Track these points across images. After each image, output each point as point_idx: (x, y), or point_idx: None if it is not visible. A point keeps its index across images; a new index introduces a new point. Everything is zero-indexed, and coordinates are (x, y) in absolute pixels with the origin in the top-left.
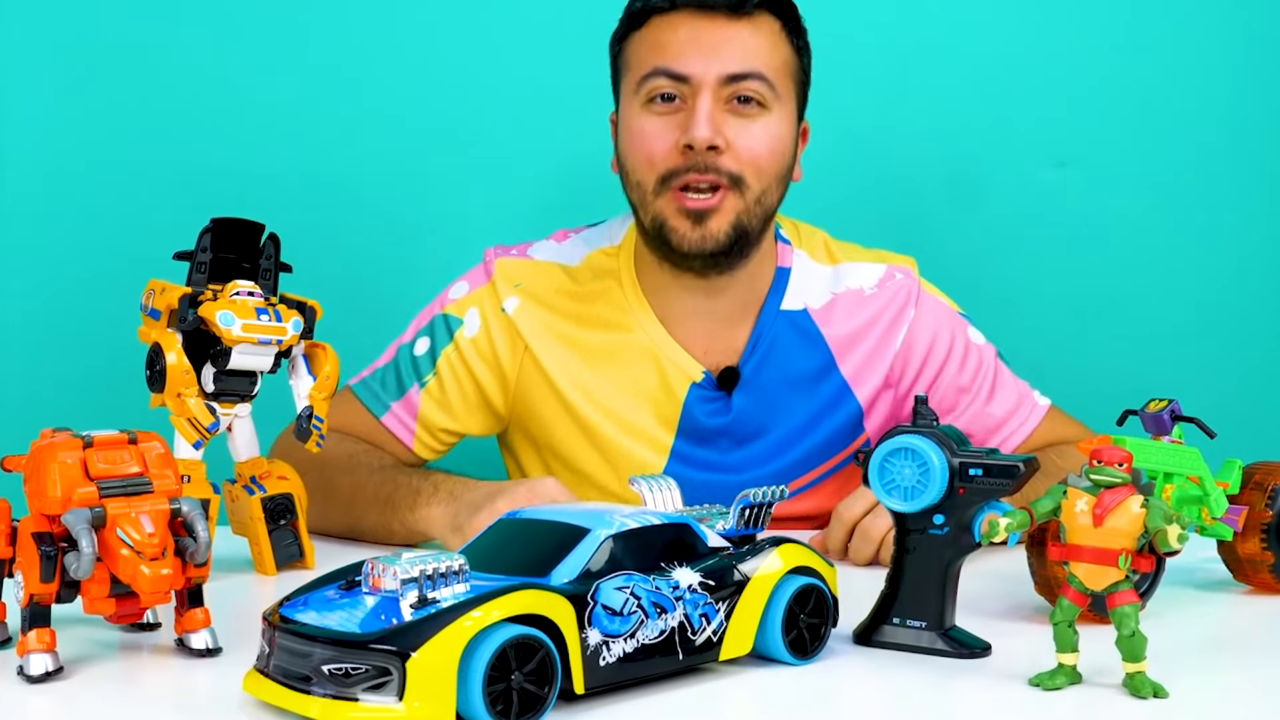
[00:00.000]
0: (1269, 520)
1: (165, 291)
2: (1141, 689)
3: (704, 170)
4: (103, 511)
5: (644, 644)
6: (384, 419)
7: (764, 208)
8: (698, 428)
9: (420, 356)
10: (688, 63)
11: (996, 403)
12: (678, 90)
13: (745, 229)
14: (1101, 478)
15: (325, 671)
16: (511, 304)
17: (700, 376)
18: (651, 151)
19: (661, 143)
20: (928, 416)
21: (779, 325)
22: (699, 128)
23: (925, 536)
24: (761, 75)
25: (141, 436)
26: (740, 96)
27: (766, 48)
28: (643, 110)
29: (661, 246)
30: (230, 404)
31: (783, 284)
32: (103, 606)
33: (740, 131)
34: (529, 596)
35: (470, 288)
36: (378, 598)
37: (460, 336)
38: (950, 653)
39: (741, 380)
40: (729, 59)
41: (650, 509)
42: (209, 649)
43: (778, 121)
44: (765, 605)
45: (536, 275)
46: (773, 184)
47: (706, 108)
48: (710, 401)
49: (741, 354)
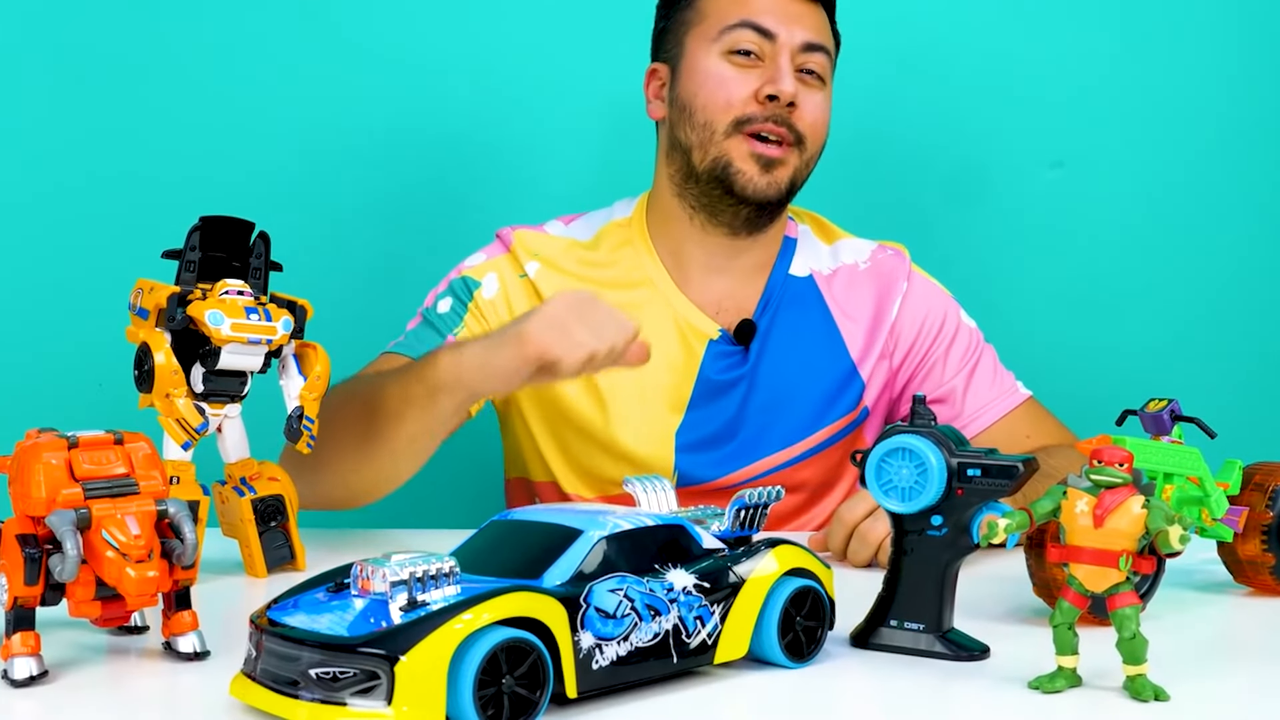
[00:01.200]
0: (1270, 521)
1: (154, 290)
2: (1142, 692)
3: (779, 123)
4: (88, 513)
5: (638, 647)
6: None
7: (809, 171)
8: (713, 384)
9: (445, 314)
10: (775, 21)
11: (978, 380)
12: (758, 46)
13: (795, 185)
14: (1102, 478)
15: (313, 675)
16: (533, 267)
17: (717, 334)
18: (730, 95)
19: (741, 89)
20: (925, 416)
21: (788, 288)
22: (786, 81)
23: (923, 538)
24: (828, 50)
25: (128, 437)
26: (806, 68)
27: (827, 29)
28: (721, 58)
29: (717, 188)
30: (220, 404)
31: (790, 252)
32: (88, 609)
33: (806, 97)
34: (520, 599)
35: (487, 256)
36: (367, 600)
37: (479, 296)
38: (948, 655)
39: (759, 332)
40: (809, 28)
41: (644, 510)
42: (197, 652)
43: (828, 98)
44: (761, 607)
45: (556, 245)
46: (818, 151)
47: (788, 65)
48: (727, 356)
49: (754, 311)
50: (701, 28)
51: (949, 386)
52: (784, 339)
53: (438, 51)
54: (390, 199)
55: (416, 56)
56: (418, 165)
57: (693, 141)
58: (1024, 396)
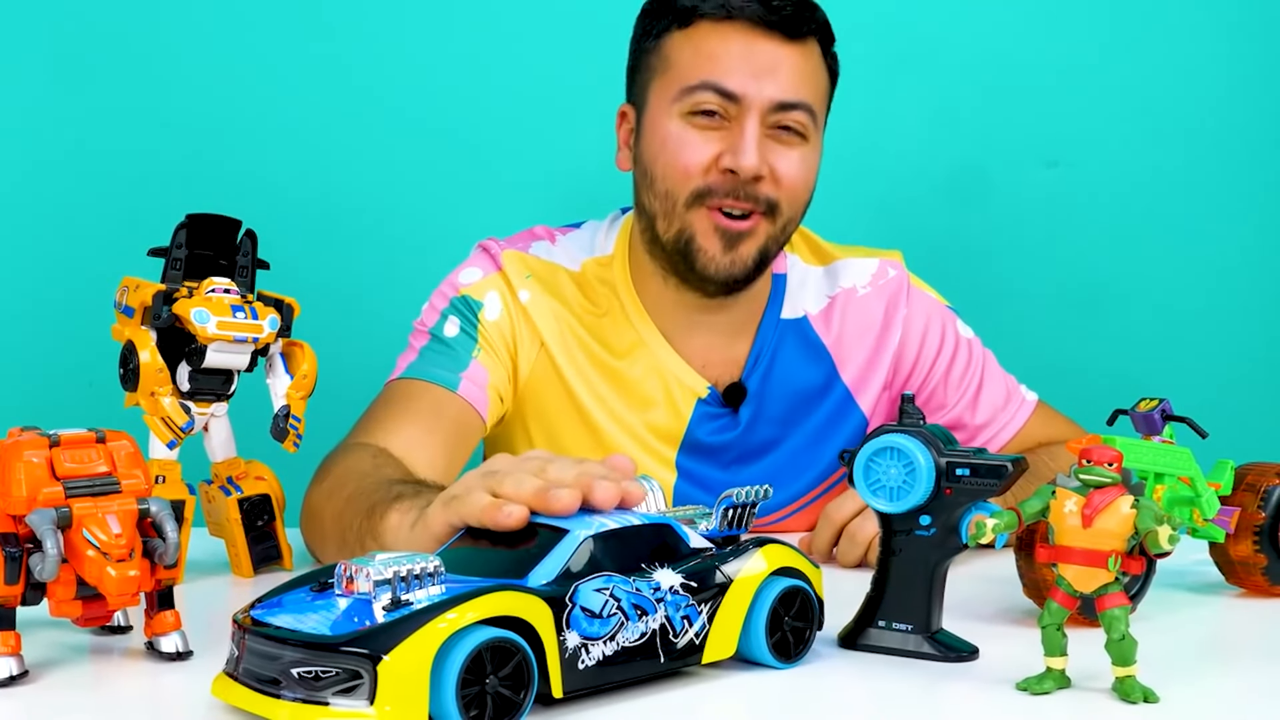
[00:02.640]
0: (1261, 522)
1: (139, 288)
2: (1131, 694)
3: (743, 197)
4: (69, 512)
5: (624, 647)
6: (460, 389)
7: (786, 235)
8: (700, 445)
9: (455, 336)
10: (741, 81)
11: (985, 397)
12: (723, 108)
13: (768, 255)
14: (1091, 478)
15: (295, 675)
16: (525, 295)
17: (705, 392)
18: (689, 163)
19: (700, 156)
20: (914, 415)
21: (780, 335)
22: (747, 155)
23: (911, 538)
24: (808, 106)
25: (110, 435)
26: (783, 125)
27: (813, 76)
28: (683, 120)
29: (681, 262)
30: (206, 403)
31: (780, 292)
32: (69, 609)
33: (780, 159)
34: (505, 598)
35: (484, 273)
36: (350, 600)
37: (483, 317)
38: (937, 656)
39: (749, 395)
40: (782, 84)
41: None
42: (179, 652)
43: (813, 152)
44: (749, 607)
45: (545, 271)
46: (799, 212)
47: (753, 133)
48: (714, 419)
49: (744, 366)
50: (664, 79)
51: (955, 411)
52: (781, 392)
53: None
54: (380, 196)
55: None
56: (408, 163)
57: (656, 210)
58: (1033, 404)
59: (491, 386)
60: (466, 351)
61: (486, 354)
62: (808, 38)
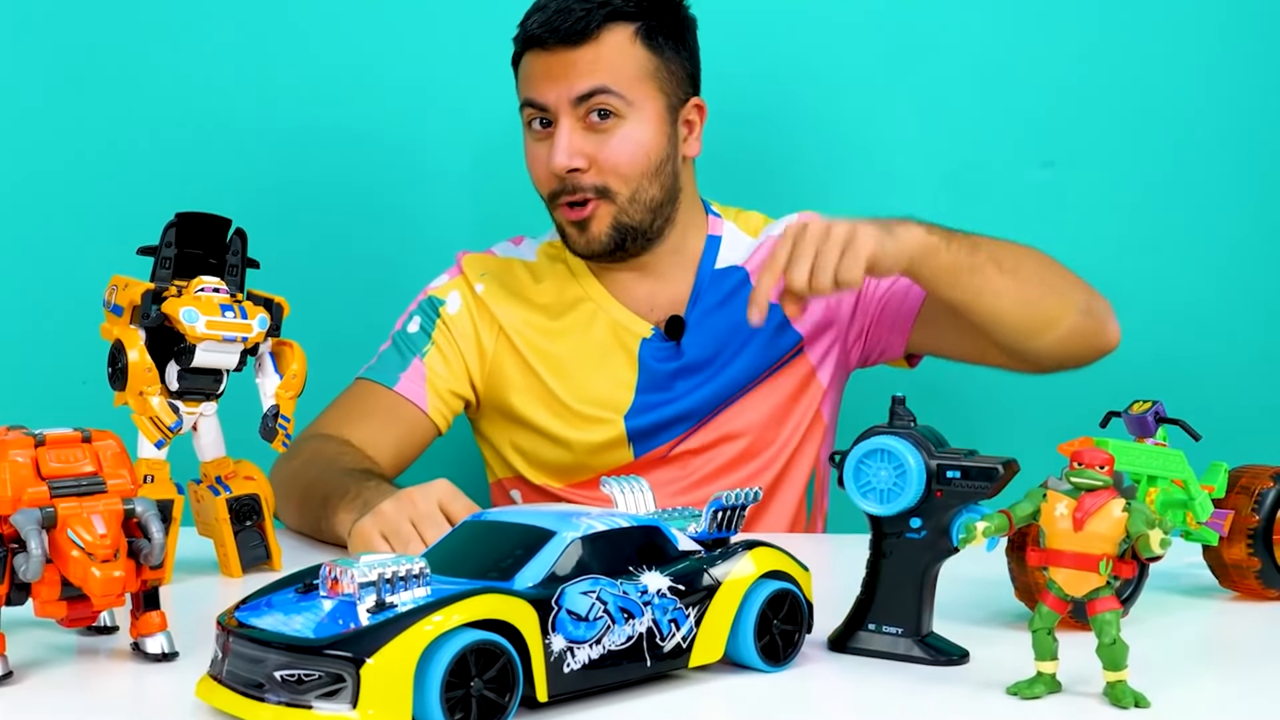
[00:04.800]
0: (1255, 525)
1: (128, 287)
2: (1123, 699)
3: (573, 190)
4: (53, 512)
5: (610, 650)
6: (397, 387)
7: (642, 203)
8: (653, 373)
9: (414, 334)
10: (543, 91)
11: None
12: (545, 116)
13: (627, 225)
14: (1082, 481)
15: (278, 678)
16: (480, 288)
17: (649, 331)
18: (536, 175)
19: (540, 167)
20: (905, 417)
21: (713, 280)
22: (556, 156)
23: (902, 540)
24: (608, 89)
25: (96, 435)
26: (598, 111)
27: (614, 61)
28: (528, 134)
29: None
30: (195, 403)
31: (714, 249)
32: (54, 609)
33: (601, 145)
34: (491, 601)
35: (449, 277)
36: (335, 601)
37: (445, 312)
38: (927, 660)
39: (688, 326)
40: (575, 81)
41: (620, 511)
42: (165, 653)
43: (636, 126)
44: (737, 610)
45: (499, 265)
46: (644, 182)
47: (565, 133)
48: (661, 350)
49: (685, 306)
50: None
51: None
52: (720, 323)
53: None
54: (371, 197)
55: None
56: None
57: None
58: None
59: (433, 381)
60: (414, 351)
61: (437, 351)
62: (598, 32)
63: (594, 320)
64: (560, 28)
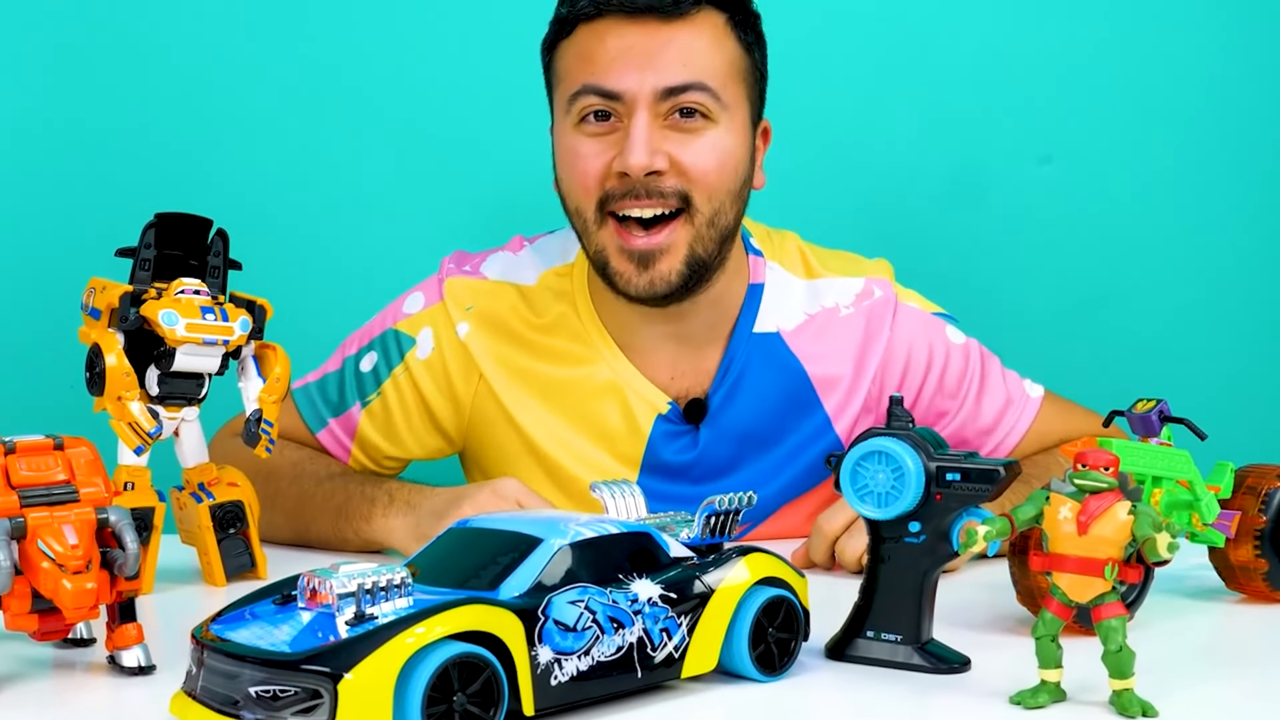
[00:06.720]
0: (1262, 526)
1: (106, 290)
2: (1129, 708)
3: (645, 195)
4: (23, 522)
5: (599, 661)
6: (320, 434)
7: (718, 230)
8: (663, 464)
9: (365, 373)
10: (619, 77)
11: (988, 401)
12: (610, 108)
13: (700, 260)
14: (1086, 483)
15: (253, 694)
16: (464, 329)
17: (666, 408)
18: (585, 175)
19: (596, 164)
20: (903, 418)
21: (751, 350)
22: (634, 153)
23: (900, 545)
24: (704, 85)
25: (69, 442)
26: (682, 109)
27: (708, 51)
28: (575, 130)
29: (609, 285)
30: (176, 407)
31: (755, 303)
32: (25, 623)
33: (684, 148)
34: (474, 612)
35: (425, 303)
36: (313, 614)
37: (411, 357)
38: (927, 668)
39: (710, 413)
40: (665, 70)
41: (611, 517)
42: (142, 667)
43: (726, 133)
44: (731, 619)
45: (489, 297)
46: (727, 202)
47: (643, 128)
48: (677, 436)
49: (712, 380)
50: (559, 91)
51: (958, 419)
52: (748, 409)
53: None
54: (356, 197)
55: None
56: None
57: (576, 229)
58: (1039, 399)
59: (364, 440)
60: (357, 395)
61: (381, 408)
62: (693, 11)
63: (600, 382)
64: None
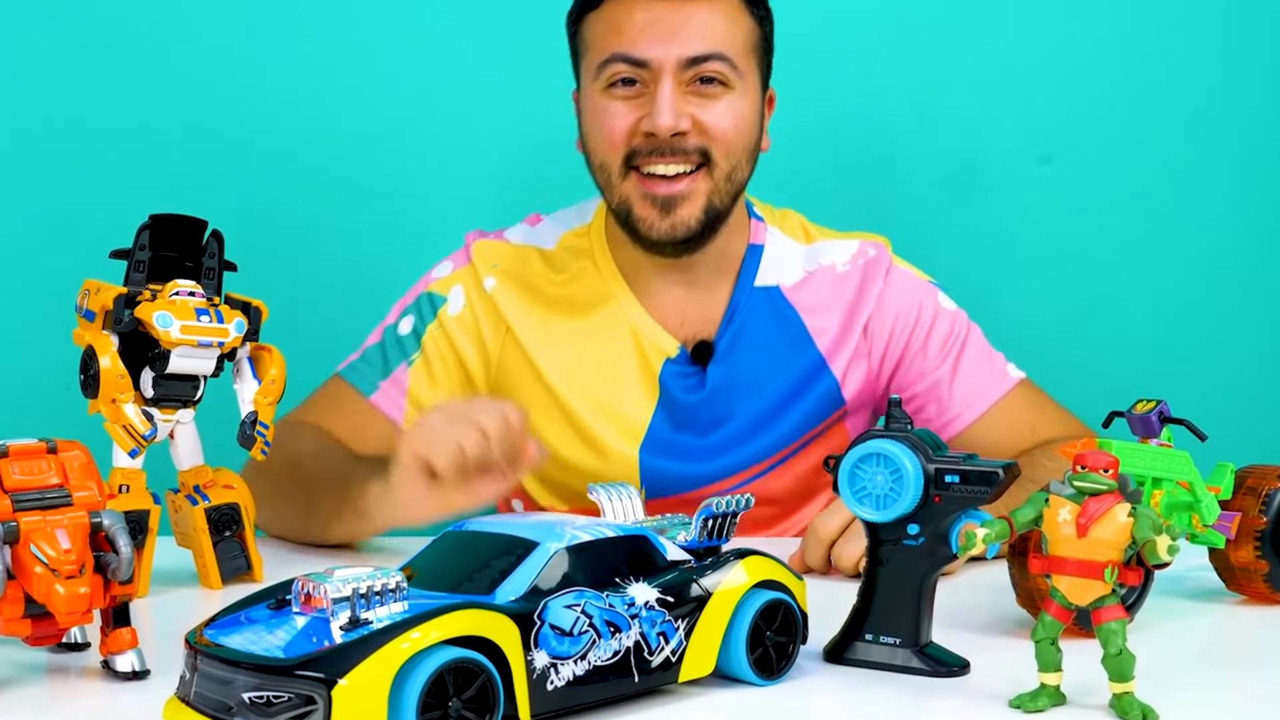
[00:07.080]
0: (1263, 527)
1: (100, 291)
2: (1130, 711)
3: (670, 153)
4: (15, 526)
5: (596, 666)
6: (373, 398)
7: (734, 184)
8: (674, 404)
9: (405, 336)
10: (646, 47)
11: (965, 367)
12: (637, 75)
13: (716, 210)
14: (1085, 484)
15: (246, 700)
16: (490, 283)
17: (675, 351)
18: (613, 132)
19: (623, 122)
20: (901, 420)
21: (753, 301)
22: (661, 115)
23: (899, 547)
24: (723, 55)
25: (62, 445)
26: (703, 77)
27: (727, 25)
28: (604, 94)
29: (630, 232)
30: (171, 410)
31: (755, 260)
32: (18, 628)
33: (705, 111)
34: (470, 616)
35: (454, 267)
36: (308, 618)
37: (444, 313)
38: (926, 671)
39: (716, 354)
40: (688, 41)
41: (608, 519)
42: (136, 671)
43: (741, 98)
44: (729, 622)
45: (513, 257)
46: (742, 159)
47: (668, 93)
48: (685, 377)
49: (718, 327)
50: (587, 60)
51: (934, 377)
52: (750, 354)
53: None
54: (352, 197)
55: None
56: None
57: (600, 184)
58: (1016, 380)
59: (414, 394)
60: (400, 357)
61: (424, 363)
62: None
63: (617, 327)
64: None
